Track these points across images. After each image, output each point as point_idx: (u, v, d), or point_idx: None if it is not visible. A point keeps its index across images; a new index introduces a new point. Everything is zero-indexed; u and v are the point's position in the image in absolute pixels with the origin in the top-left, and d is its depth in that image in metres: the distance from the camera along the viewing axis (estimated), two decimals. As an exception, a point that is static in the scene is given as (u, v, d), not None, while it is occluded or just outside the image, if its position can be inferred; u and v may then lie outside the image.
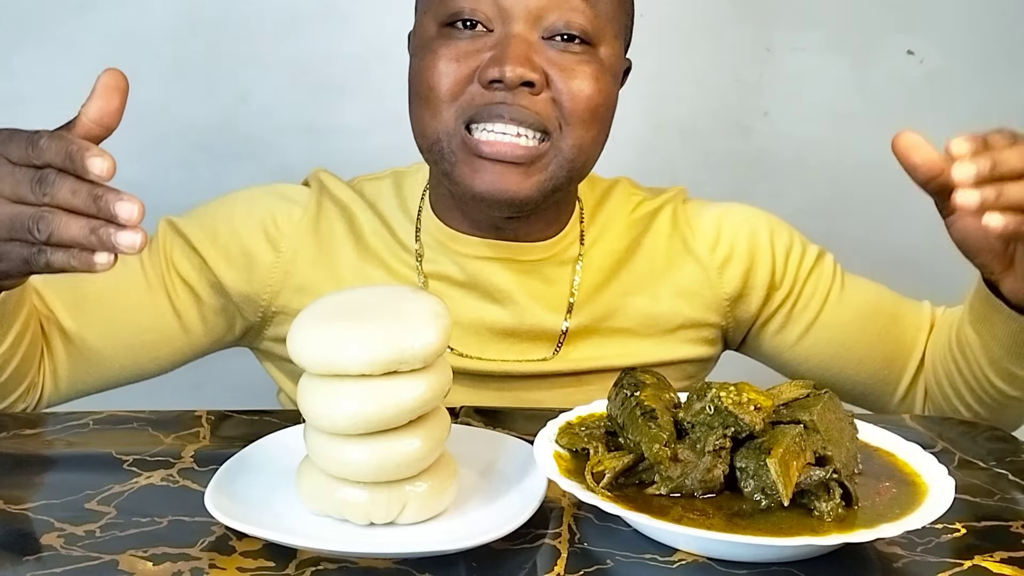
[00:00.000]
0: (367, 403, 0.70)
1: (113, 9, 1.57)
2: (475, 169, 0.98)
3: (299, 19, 1.62)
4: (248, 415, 0.97)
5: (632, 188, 1.17)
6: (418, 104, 1.01)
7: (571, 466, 0.78)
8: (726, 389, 0.76)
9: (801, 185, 1.71)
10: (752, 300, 1.13)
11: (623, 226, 1.13)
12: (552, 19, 0.98)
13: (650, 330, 1.10)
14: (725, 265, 1.12)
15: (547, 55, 0.98)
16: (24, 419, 0.94)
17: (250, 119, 1.62)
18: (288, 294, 1.08)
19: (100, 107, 0.79)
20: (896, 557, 0.73)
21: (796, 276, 1.13)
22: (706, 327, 1.13)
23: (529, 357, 1.08)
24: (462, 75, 0.98)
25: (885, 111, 1.67)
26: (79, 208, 0.75)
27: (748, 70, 1.68)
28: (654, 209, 1.14)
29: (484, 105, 0.97)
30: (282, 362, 1.13)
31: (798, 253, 1.14)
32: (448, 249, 1.08)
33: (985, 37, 1.69)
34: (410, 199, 1.11)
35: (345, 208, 1.11)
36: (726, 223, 1.13)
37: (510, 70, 0.95)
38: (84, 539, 0.72)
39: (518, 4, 0.97)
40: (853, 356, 1.13)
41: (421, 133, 1.02)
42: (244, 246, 1.08)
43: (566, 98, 0.98)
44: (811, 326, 1.13)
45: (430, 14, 1.01)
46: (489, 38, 0.98)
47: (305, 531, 0.73)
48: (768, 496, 0.74)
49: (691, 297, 1.11)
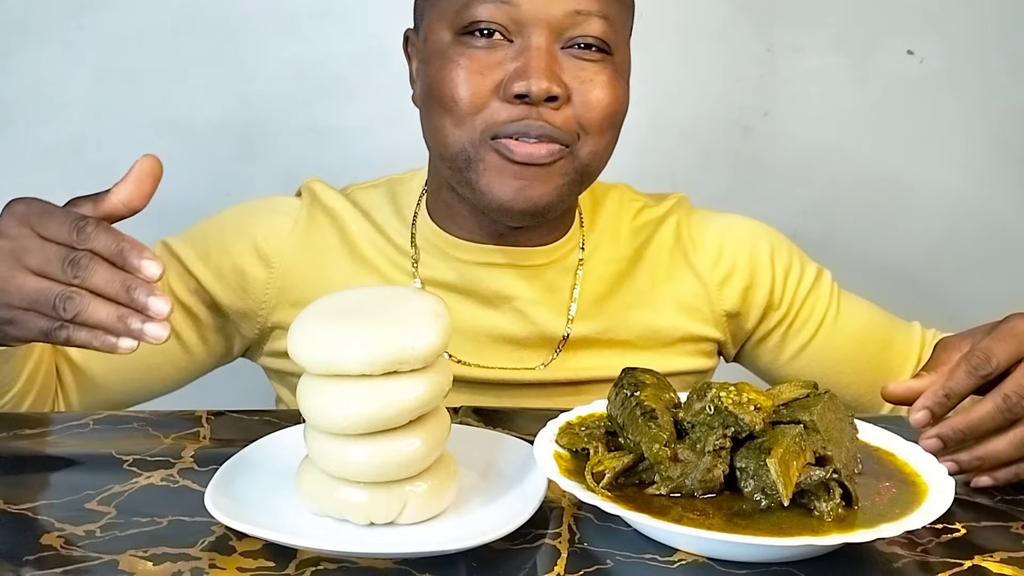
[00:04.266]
0: (367, 403, 0.70)
1: (113, 9, 1.57)
2: (503, 175, 0.98)
3: (299, 19, 1.62)
4: (248, 415, 0.97)
5: (631, 194, 1.17)
6: (439, 114, 1.00)
7: (571, 466, 0.78)
8: (726, 389, 0.76)
9: (801, 185, 1.72)
10: (749, 317, 1.14)
11: (625, 234, 1.13)
12: (572, 30, 0.97)
13: (649, 343, 1.11)
14: (726, 282, 1.12)
15: (567, 66, 0.98)
16: (24, 419, 0.94)
17: (250, 119, 1.62)
18: (284, 310, 1.08)
19: (132, 192, 0.81)
20: (896, 557, 0.73)
21: (794, 298, 1.14)
22: (705, 341, 1.13)
23: (527, 364, 1.08)
24: (486, 88, 0.97)
25: (885, 111, 1.67)
26: (110, 295, 0.76)
27: (748, 70, 1.68)
28: (658, 218, 1.14)
29: (509, 121, 0.97)
30: (282, 375, 1.13)
31: (797, 274, 1.15)
32: (445, 255, 1.08)
33: (985, 37, 1.69)
34: (406, 206, 1.11)
35: (337, 217, 1.10)
36: (728, 239, 1.14)
37: (536, 84, 0.95)
38: (84, 539, 0.72)
39: (539, 15, 0.96)
40: (841, 380, 1.14)
41: (443, 143, 1.00)
42: (236, 265, 1.08)
43: (586, 109, 0.98)
44: (804, 348, 1.15)
45: (443, 21, 1.00)
46: (509, 49, 0.97)
47: (305, 531, 0.73)
48: (768, 496, 0.74)
49: (691, 312, 1.12)
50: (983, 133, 1.70)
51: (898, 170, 1.71)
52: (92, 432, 0.87)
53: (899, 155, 1.70)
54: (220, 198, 1.61)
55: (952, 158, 1.70)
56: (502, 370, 1.07)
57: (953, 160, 1.71)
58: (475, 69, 0.97)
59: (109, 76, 1.58)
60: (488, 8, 0.96)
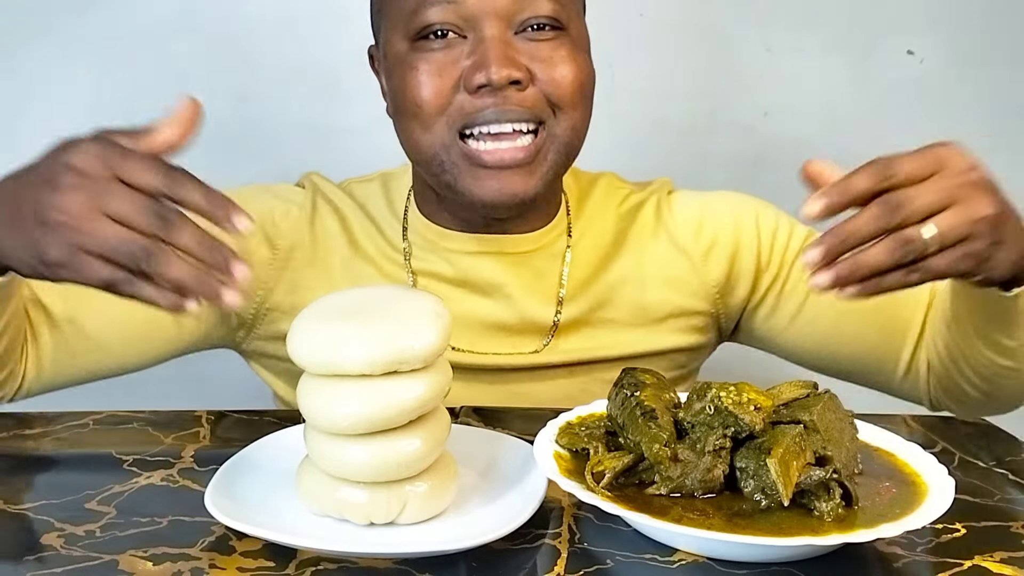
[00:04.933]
0: (367, 403, 0.70)
1: (113, 9, 1.57)
2: (479, 178, 0.99)
3: (299, 19, 1.62)
4: (248, 415, 0.97)
5: (618, 182, 1.17)
6: (407, 120, 1.01)
7: (571, 466, 0.78)
8: (726, 389, 0.76)
9: (801, 185, 1.71)
10: (740, 285, 1.13)
11: (611, 220, 1.14)
12: (521, 14, 0.99)
13: (639, 320, 1.11)
14: (710, 252, 1.12)
15: (524, 49, 0.99)
16: (24, 419, 0.94)
17: (250, 119, 1.62)
18: (282, 292, 1.08)
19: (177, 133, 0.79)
20: (896, 557, 0.73)
21: (783, 257, 1.13)
22: (695, 315, 1.13)
23: (520, 350, 1.09)
24: (447, 86, 0.99)
25: (885, 111, 1.67)
26: (196, 254, 0.73)
27: (748, 70, 1.68)
28: (640, 202, 1.15)
29: (475, 111, 0.98)
30: (272, 360, 1.12)
31: (785, 233, 1.13)
32: (436, 246, 1.09)
33: (985, 37, 1.69)
34: (397, 200, 1.12)
35: (337, 208, 1.12)
36: (708, 210, 1.14)
37: (495, 72, 0.96)
38: (84, 539, 0.72)
39: (486, 7, 0.98)
40: (848, 332, 1.11)
41: (415, 148, 1.02)
42: (240, 242, 1.07)
43: (553, 87, 0.99)
44: (802, 306, 1.12)
45: (397, 31, 1.01)
46: (464, 45, 0.99)
47: (305, 531, 0.73)
48: (768, 496, 0.74)
49: (679, 285, 1.12)
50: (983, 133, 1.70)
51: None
52: (92, 432, 0.87)
53: (899, 155, 1.70)
54: (220, 198, 1.61)
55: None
56: (496, 356, 1.08)
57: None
58: (434, 72, 0.99)
59: (109, 76, 1.58)
60: (436, 11, 0.98)
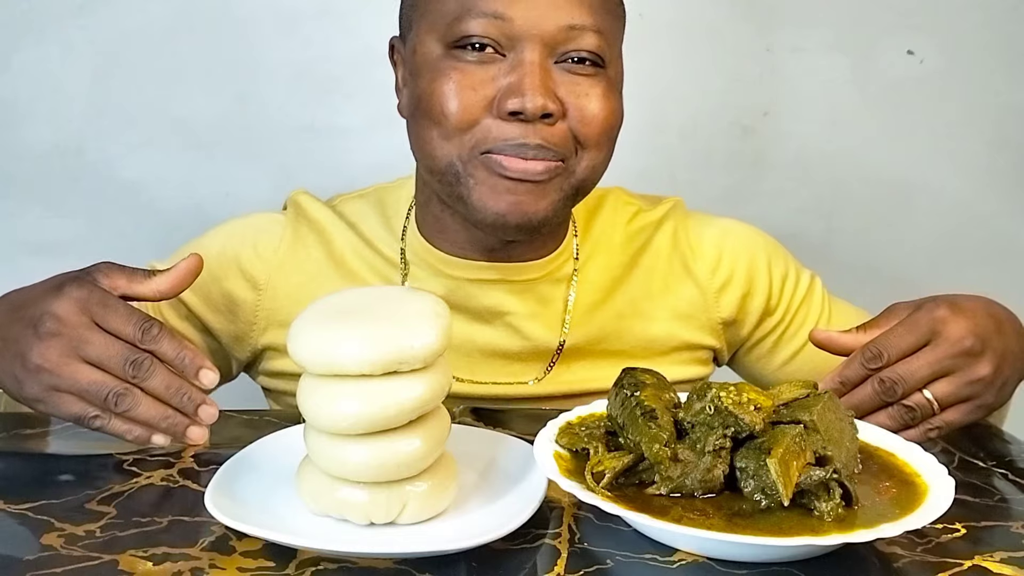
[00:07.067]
0: (367, 403, 0.70)
1: (113, 9, 1.57)
2: (496, 191, 0.95)
3: (299, 19, 1.62)
4: (248, 415, 0.97)
5: (626, 197, 1.15)
6: (427, 126, 0.97)
7: (571, 466, 0.78)
8: (726, 389, 0.76)
9: (801, 185, 1.72)
10: (745, 325, 1.14)
11: (620, 239, 1.12)
12: (566, 44, 0.95)
13: (644, 353, 1.10)
14: (724, 289, 1.12)
15: (561, 80, 0.95)
16: (24, 419, 0.94)
17: (250, 119, 1.62)
18: (274, 331, 1.08)
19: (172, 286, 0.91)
20: (896, 557, 0.73)
21: (789, 304, 1.14)
22: (700, 349, 1.13)
23: (520, 379, 1.07)
24: (478, 104, 0.94)
25: (885, 111, 1.67)
26: (165, 400, 0.84)
27: (748, 70, 1.68)
28: (653, 222, 1.13)
29: (502, 139, 0.94)
30: (276, 395, 1.13)
31: (793, 281, 1.15)
32: (436, 270, 1.06)
33: (985, 37, 1.69)
34: (394, 216, 1.09)
35: (323, 232, 1.09)
36: (727, 246, 1.13)
37: (530, 100, 0.92)
38: (84, 539, 0.72)
39: (532, 30, 0.93)
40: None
41: (431, 156, 0.98)
42: (224, 289, 1.07)
43: (582, 124, 0.96)
44: (796, 354, 1.15)
45: (433, 34, 0.97)
46: (502, 64, 0.95)
47: (305, 531, 0.73)
48: (768, 496, 0.74)
49: (687, 320, 1.11)
50: (982, 133, 1.71)
51: (898, 170, 1.71)
52: (92, 432, 0.87)
53: (898, 155, 1.70)
54: (219, 198, 1.62)
55: (951, 158, 1.70)
56: (495, 385, 1.06)
57: (952, 160, 1.71)
58: (467, 84, 0.94)
59: (109, 76, 1.58)
60: (481, 23, 0.94)
